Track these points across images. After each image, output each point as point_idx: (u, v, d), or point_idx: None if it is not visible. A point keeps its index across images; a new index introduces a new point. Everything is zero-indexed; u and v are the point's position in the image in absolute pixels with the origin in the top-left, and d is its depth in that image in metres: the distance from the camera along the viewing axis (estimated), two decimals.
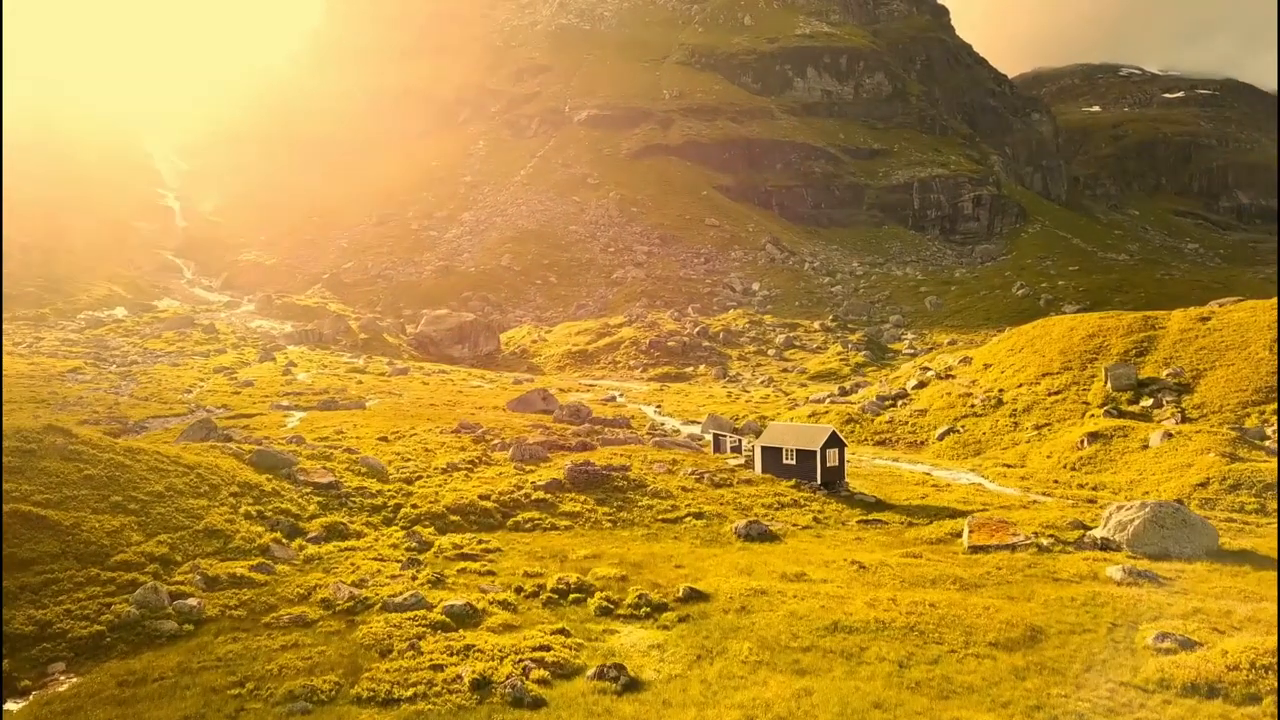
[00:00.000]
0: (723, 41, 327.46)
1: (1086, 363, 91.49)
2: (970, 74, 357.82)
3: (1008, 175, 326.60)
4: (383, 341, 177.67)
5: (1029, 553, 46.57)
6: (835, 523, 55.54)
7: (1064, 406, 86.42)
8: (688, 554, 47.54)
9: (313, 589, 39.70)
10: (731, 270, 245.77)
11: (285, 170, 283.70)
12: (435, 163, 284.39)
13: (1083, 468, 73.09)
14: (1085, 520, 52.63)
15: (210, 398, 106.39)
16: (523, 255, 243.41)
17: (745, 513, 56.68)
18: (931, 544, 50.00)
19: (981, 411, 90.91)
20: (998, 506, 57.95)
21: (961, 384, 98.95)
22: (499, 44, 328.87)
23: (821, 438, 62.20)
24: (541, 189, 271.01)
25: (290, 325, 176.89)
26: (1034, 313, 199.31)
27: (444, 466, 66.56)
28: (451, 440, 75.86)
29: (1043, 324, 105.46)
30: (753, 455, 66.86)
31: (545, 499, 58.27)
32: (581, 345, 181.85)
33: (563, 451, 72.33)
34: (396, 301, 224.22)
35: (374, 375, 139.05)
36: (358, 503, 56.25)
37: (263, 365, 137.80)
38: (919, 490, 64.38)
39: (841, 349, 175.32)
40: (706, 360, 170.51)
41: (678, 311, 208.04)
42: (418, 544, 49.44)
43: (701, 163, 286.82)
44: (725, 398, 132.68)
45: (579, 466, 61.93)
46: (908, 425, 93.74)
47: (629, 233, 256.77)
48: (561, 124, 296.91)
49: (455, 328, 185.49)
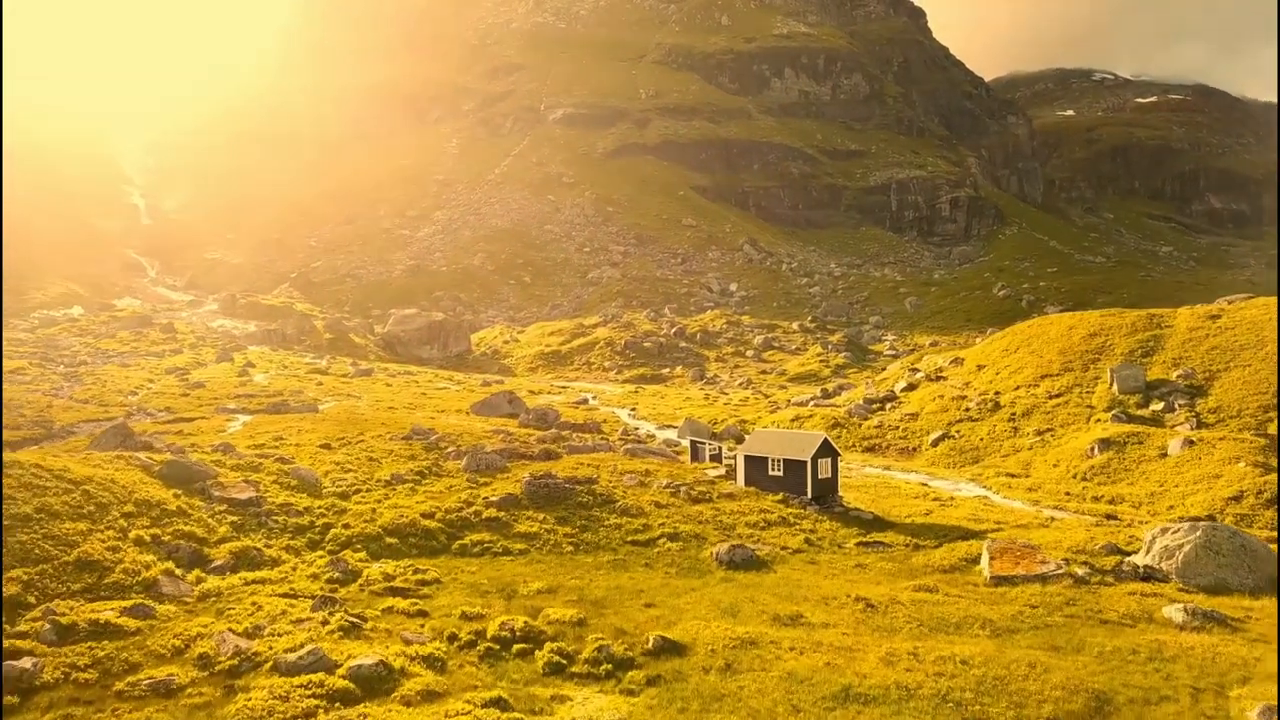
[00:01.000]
0: (700, 41, 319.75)
1: (1088, 363, 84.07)
2: (947, 76, 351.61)
3: (984, 177, 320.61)
4: (349, 342, 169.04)
5: (1063, 585, 38.74)
6: (830, 545, 47.53)
7: (1067, 410, 78.91)
8: (660, 587, 39.44)
9: (193, 640, 31.27)
10: (709, 271, 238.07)
11: (254, 168, 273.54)
12: (407, 161, 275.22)
13: (1094, 478, 65.52)
14: (1120, 543, 44.89)
15: (155, 400, 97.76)
16: (496, 255, 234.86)
17: (727, 533, 48.65)
18: (945, 572, 42.10)
19: (977, 416, 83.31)
20: (1013, 525, 50.14)
21: (954, 386, 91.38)
22: (473, 42, 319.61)
23: (812, 446, 54.22)
24: (516, 188, 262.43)
25: (254, 325, 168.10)
26: (1016, 314, 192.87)
27: (388, 478, 58.19)
28: (401, 448, 67.46)
29: (1039, 323, 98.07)
30: (735, 465, 58.86)
31: (498, 518, 50.00)
32: (555, 346, 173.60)
33: (524, 461, 64.11)
34: (366, 301, 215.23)
35: (335, 377, 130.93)
36: (280, 523, 47.81)
37: (219, 366, 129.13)
38: (920, 505, 56.50)
39: (821, 350, 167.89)
40: (683, 361, 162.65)
41: (654, 312, 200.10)
42: (342, 574, 41.11)
43: (678, 163, 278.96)
44: (703, 400, 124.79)
45: (539, 479, 53.72)
46: (898, 430, 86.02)
47: (605, 232, 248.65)
48: (536, 123, 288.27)
49: (424, 328, 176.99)
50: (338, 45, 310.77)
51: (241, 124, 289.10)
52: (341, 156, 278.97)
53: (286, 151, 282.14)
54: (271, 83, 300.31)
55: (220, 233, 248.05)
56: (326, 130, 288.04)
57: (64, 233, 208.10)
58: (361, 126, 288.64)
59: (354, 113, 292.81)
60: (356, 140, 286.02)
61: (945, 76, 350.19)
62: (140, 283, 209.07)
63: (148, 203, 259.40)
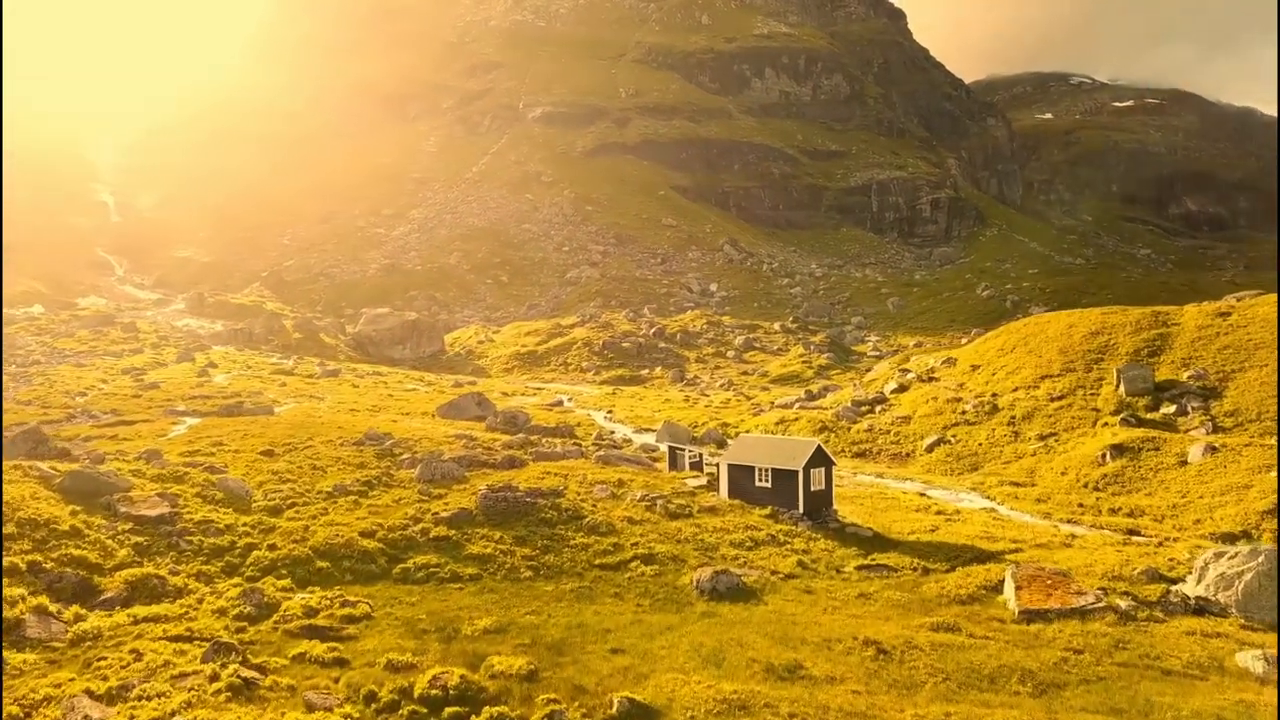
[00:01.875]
0: (680, 41, 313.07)
1: (1091, 364, 77.95)
2: (927, 78, 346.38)
3: (964, 179, 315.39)
4: (318, 342, 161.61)
5: (1106, 622, 32.34)
6: (827, 569, 40.99)
7: (1070, 414, 72.74)
8: (630, 625, 32.78)
9: (36, 707, 24.42)
10: (689, 271, 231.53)
11: (227, 166, 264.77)
12: (384, 159, 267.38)
13: (1108, 487, 59.31)
14: (1160, 567, 38.53)
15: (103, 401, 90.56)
16: (473, 254, 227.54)
17: (709, 555, 42.06)
18: (963, 604, 35.64)
19: (974, 419, 77.05)
20: (1032, 544, 43.75)
21: (948, 387, 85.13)
22: (451, 39, 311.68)
23: (804, 454, 47.69)
24: (494, 186, 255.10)
25: (221, 325, 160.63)
26: (1000, 314, 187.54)
27: (330, 490, 51.33)
28: (350, 455, 60.62)
29: (1036, 321, 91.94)
30: (717, 474, 52.29)
31: (448, 536, 43.22)
32: (531, 346, 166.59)
33: (485, 470, 57.36)
34: (339, 301, 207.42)
35: (300, 377, 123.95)
36: (194, 544, 40.91)
37: (179, 366, 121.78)
38: (924, 519, 50.03)
39: (804, 350, 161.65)
40: (663, 362, 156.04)
41: (633, 312, 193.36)
42: (255, 608, 34.29)
43: (658, 162, 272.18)
44: (683, 402, 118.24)
45: (497, 492, 46.97)
46: (890, 434, 79.66)
47: (584, 232, 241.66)
48: (515, 121, 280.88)
49: (396, 327, 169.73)
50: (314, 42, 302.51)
51: (216, 121, 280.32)
52: (317, 154, 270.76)
53: (262, 149, 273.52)
54: (248, 80, 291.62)
55: (192, 231, 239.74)
56: (303, 128, 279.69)
57: (29, 230, 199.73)
58: (338, 124, 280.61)
59: (331, 110, 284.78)
60: (333, 138, 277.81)
61: (925, 78, 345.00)
62: (107, 281, 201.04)
63: (118, 200, 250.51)
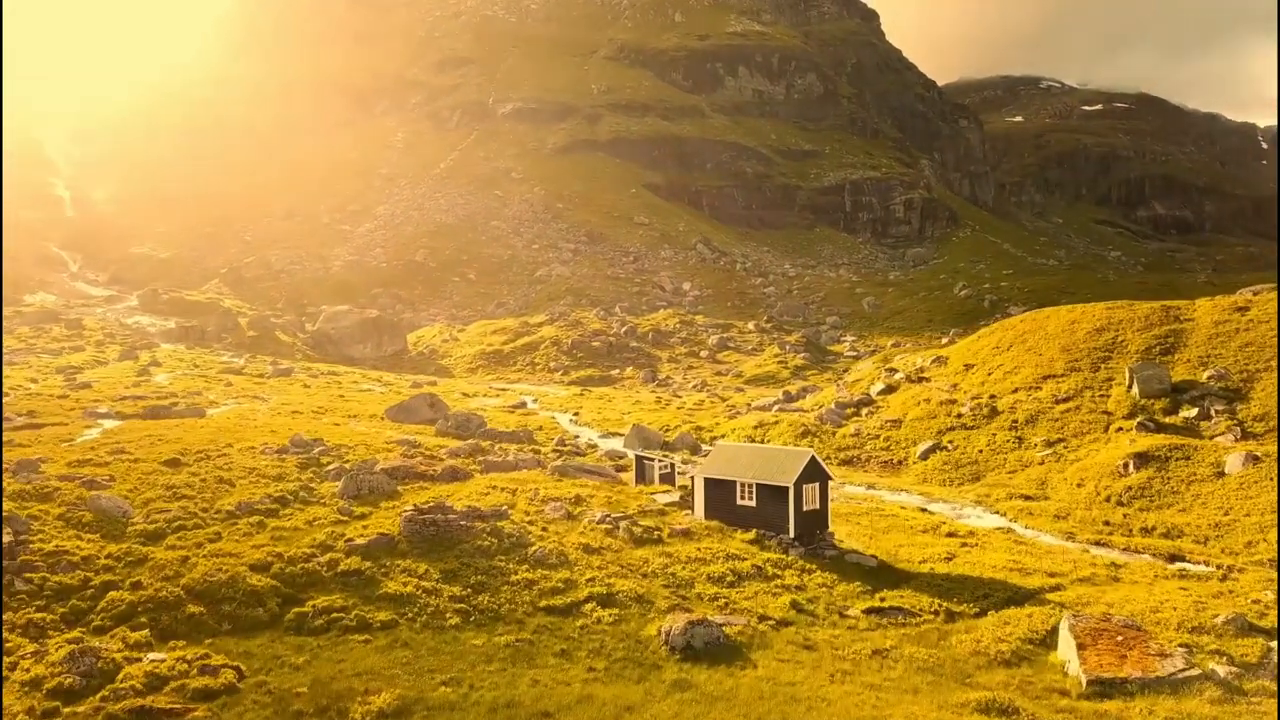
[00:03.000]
0: (653, 38, 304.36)
1: (1099, 363, 70.14)
2: (900, 79, 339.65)
3: (937, 180, 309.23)
4: (274, 340, 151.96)
5: (1206, 698, 24.08)
6: (829, 611, 32.53)
7: (1079, 417, 64.85)
8: (578, 702, 24.14)
9: None
10: (661, 269, 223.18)
11: (189, 160, 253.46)
12: (351, 155, 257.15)
13: (1134, 502, 51.31)
14: (1247, 614, 30.31)
15: (23, 403, 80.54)
16: (440, 251, 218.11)
17: (682, 594, 33.51)
18: (1009, 665, 27.28)
19: (972, 423, 68.99)
20: (1074, 578, 35.55)
21: (940, 388, 77.07)
22: (420, 34, 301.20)
23: (795, 467, 39.21)
24: (462, 183, 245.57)
25: (174, 322, 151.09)
26: (979, 314, 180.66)
27: (233, 508, 42.36)
28: (269, 464, 51.62)
29: (1033, 317, 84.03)
30: (691, 489, 43.75)
31: (361, 570, 34.40)
32: (497, 345, 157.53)
33: (422, 482, 48.56)
34: (299, 298, 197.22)
35: (249, 377, 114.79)
36: (36, 582, 31.90)
37: (120, 365, 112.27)
38: (934, 544, 41.68)
39: (779, 350, 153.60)
40: (634, 362, 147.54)
41: (604, 311, 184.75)
42: (82, 676, 25.40)
43: (630, 160, 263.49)
44: (654, 404, 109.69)
45: (426, 513, 38.15)
46: (879, 440, 71.44)
47: (554, 229, 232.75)
48: (484, 117, 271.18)
49: (356, 325, 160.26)
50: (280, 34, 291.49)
51: (178, 114, 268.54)
52: (282, 149, 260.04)
53: (224, 143, 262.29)
54: (211, 72, 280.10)
55: (149, 226, 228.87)
56: (267, 122, 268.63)
57: None
58: (303, 119, 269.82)
59: (296, 104, 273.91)
60: (298, 132, 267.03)
61: (898, 79, 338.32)
62: (58, 277, 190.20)
63: (73, 194, 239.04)
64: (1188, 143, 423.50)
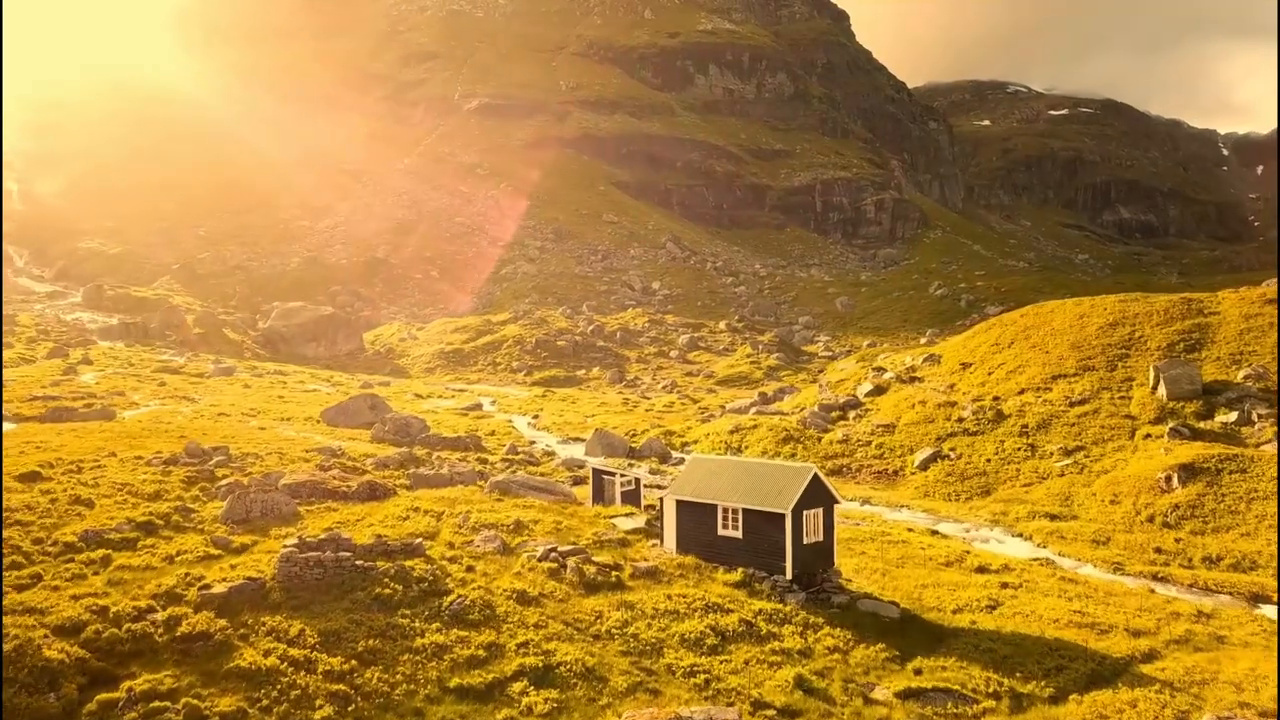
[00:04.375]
0: (622, 35, 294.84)
1: (1115, 361, 61.64)
2: (870, 79, 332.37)
3: (907, 182, 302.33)
4: (221, 337, 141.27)
5: None
6: (848, 694, 23.31)
7: (1099, 422, 56.23)
8: None
9: None
10: (630, 268, 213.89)
11: (144, 153, 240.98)
12: (312, 149, 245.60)
13: (1183, 524, 42.60)
14: None
15: None
16: (402, 248, 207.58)
17: (647, 664, 24.16)
18: None
19: (976, 428, 60.22)
20: (1169, 641, 26.50)
21: (935, 389, 68.27)
22: (385, 28, 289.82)
23: (794, 488, 29.91)
24: (426, 179, 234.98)
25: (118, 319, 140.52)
26: (955, 314, 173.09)
27: (77, 538, 32.47)
28: (150, 478, 41.72)
29: (1035, 311, 75.35)
30: (660, 513, 34.27)
31: (210, 633, 24.73)
32: (457, 344, 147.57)
33: (332, 502, 38.91)
34: (255, 295, 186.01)
35: (187, 376, 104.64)
36: None
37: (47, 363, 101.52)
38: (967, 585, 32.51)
39: (751, 350, 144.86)
40: (601, 362, 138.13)
41: (571, 309, 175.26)
42: None
43: (599, 157, 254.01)
44: (621, 406, 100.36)
45: (312, 548, 28.51)
46: (872, 446, 62.47)
47: (521, 227, 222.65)
48: (450, 112, 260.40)
49: (309, 323, 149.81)
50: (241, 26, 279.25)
51: (134, 108, 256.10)
52: (241, 143, 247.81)
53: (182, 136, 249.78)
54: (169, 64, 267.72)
55: (100, 220, 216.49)
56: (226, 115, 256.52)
57: None
58: (264, 112, 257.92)
59: (257, 97, 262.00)
60: (258, 126, 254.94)
61: (868, 80, 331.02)
62: None
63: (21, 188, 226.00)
64: (1152, 148, 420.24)
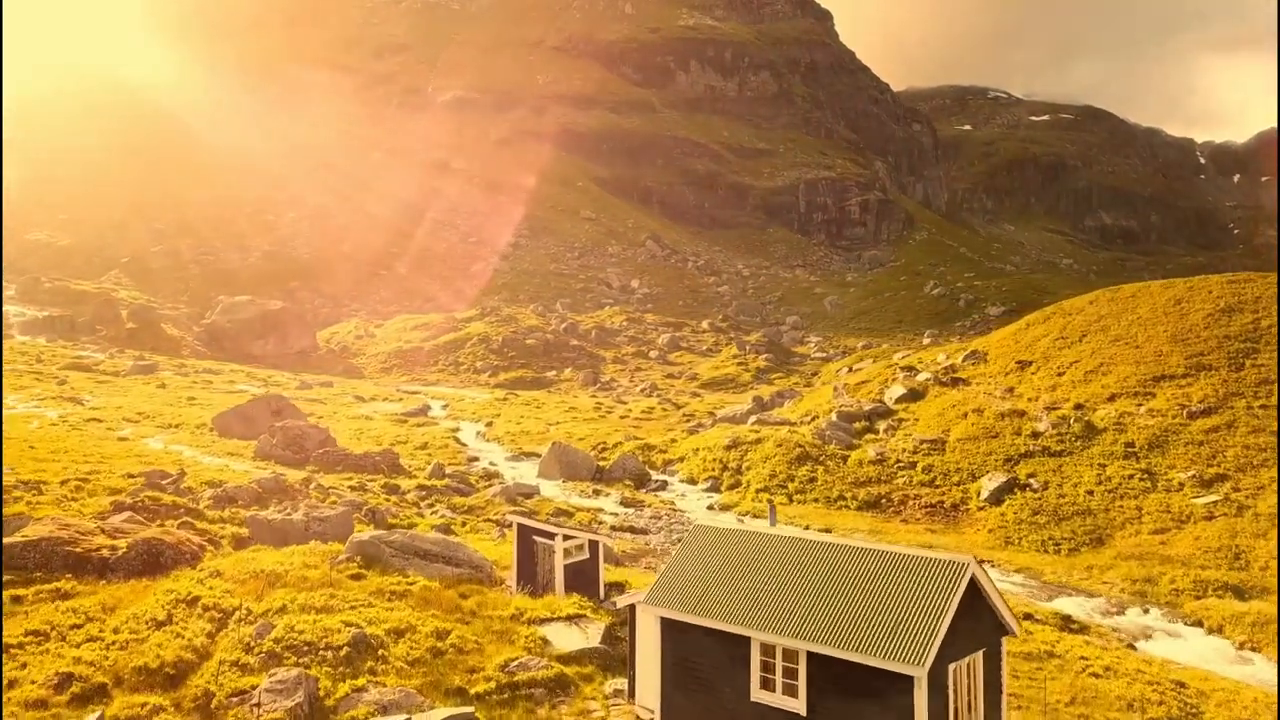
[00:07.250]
0: (602, 29, 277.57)
1: (1240, 358, 44.97)
2: (853, 80, 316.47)
3: (891, 183, 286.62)
4: (158, 333, 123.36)
5: None
6: None
7: (1238, 440, 39.50)
8: None
9: None
10: (608, 266, 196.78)
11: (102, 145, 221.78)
12: (279, 141, 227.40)
13: None
14: None
15: None
16: (369, 243, 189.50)
17: None
18: None
19: (1059, 447, 43.29)
20: None
21: (989, 394, 51.31)
22: (357, 19, 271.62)
23: (931, 611, 12.88)
24: (397, 172, 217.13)
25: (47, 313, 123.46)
26: (954, 314, 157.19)
27: None
28: None
29: (1110, 297, 58.47)
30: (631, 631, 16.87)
31: None
32: (416, 343, 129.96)
33: (78, 575, 21.42)
34: (209, 290, 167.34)
35: (99, 375, 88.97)
36: None
37: None
38: None
39: (738, 351, 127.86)
40: (574, 362, 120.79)
41: (543, 306, 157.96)
42: None
43: (576, 153, 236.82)
44: (592, 411, 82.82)
45: None
46: (917, 470, 45.33)
47: (494, 222, 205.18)
48: (424, 106, 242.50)
49: (256, 319, 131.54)
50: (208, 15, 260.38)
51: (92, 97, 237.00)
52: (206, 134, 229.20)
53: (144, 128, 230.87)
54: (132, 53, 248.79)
55: (52, 212, 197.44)
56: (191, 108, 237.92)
57: None
58: (230, 103, 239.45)
59: (224, 88, 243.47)
60: (224, 118, 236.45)
61: (852, 80, 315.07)
62: None
63: None
64: (1132, 154, 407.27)
